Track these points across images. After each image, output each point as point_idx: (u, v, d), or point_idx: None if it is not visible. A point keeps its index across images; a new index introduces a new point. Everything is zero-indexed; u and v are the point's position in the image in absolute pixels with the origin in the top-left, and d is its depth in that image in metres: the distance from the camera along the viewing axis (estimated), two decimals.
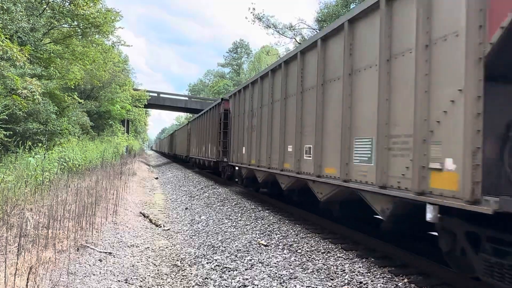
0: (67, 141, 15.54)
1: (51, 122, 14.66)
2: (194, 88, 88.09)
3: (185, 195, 13.51)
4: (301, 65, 7.32)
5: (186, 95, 64.31)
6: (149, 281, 4.79)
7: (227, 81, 70.98)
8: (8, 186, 6.76)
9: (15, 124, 12.20)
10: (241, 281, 4.76)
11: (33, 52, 13.32)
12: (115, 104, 27.79)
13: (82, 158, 13.77)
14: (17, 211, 6.10)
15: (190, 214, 9.77)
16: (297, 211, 8.78)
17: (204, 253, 6.09)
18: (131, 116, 35.74)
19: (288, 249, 6.18)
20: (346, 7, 27.20)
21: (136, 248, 6.15)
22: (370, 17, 5.18)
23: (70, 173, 10.95)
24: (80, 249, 5.33)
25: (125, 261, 5.37)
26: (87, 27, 16.08)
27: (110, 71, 23.39)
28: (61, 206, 6.48)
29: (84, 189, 8.43)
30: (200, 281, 4.85)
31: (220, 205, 10.81)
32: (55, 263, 4.56)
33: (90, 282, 4.35)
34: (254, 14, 32.77)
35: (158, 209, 10.68)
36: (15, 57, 10.18)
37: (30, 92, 11.30)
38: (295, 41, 33.60)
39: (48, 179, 8.81)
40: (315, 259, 5.59)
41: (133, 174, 17.59)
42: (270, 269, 5.18)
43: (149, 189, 15.30)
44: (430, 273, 4.75)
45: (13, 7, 11.90)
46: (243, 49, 79.66)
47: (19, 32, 13.15)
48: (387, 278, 4.72)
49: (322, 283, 4.67)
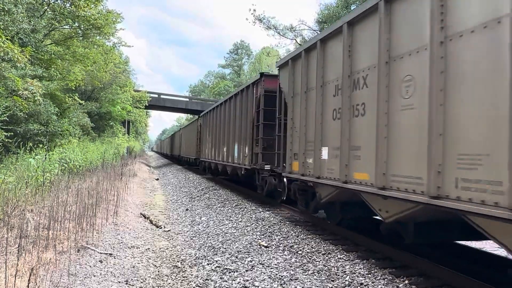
0: (68, 142, 15.57)
1: (52, 123, 14.69)
2: (194, 89, 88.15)
3: (185, 196, 13.50)
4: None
5: (187, 96, 64.42)
6: (149, 282, 4.79)
7: (228, 82, 71.04)
8: (8, 187, 6.77)
9: (16, 125, 12.23)
10: (241, 282, 4.75)
11: (34, 53, 13.35)
12: (116, 105, 27.84)
13: (82, 159, 13.79)
14: (18, 212, 6.10)
15: (191, 215, 9.77)
16: (298, 212, 8.77)
17: (204, 254, 6.09)
18: (132, 117, 35.78)
19: (288, 250, 6.18)
20: (347, 8, 27.23)
21: (136, 249, 6.15)
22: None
23: (70, 174, 10.95)
24: (81, 250, 5.33)
25: (125, 262, 5.37)
26: (88, 28, 16.12)
27: (111, 72, 23.44)
28: (61, 207, 6.48)
29: (84, 190, 8.44)
30: (201, 282, 4.85)
31: (220, 206, 10.80)
32: (56, 264, 4.56)
33: (91, 283, 4.35)
34: (254, 15, 32.83)
35: (158, 210, 10.69)
36: (16, 58, 10.22)
37: (31, 93, 11.33)
38: (295, 42, 33.63)
39: (48, 180, 8.81)
40: (315, 261, 5.58)
41: (133, 175, 17.60)
42: (271, 270, 5.18)
43: (150, 190, 15.31)
44: (431, 274, 4.75)
45: (14, 9, 11.92)
46: (243, 50, 79.72)
47: (20, 34, 13.18)
48: (387, 279, 4.71)
49: (323, 284, 4.67)
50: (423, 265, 4.95)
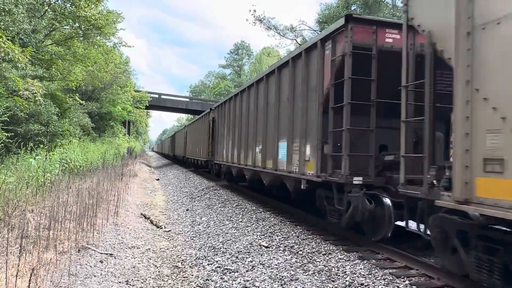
0: (68, 142, 15.57)
1: (52, 124, 14.70)
2: (195, 89, 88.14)
3: (186, 196, 13.50)
4: None
5: (187, 96, 64.43)
6: (150, 283, 4.79)
7: (228, 82, 71.04)
8: (9, 187, 6.77)
9: (16, 125, 12.23)
10: (242, 283, 4.75)
11: (34, 54, 13.36)
12: (116, 106, 27.85)
13: (83, 159, 13.80)
14: (19, 212, 6.11)
15: (191, 216, 9.77)
16: (298, 212, 8.76)
17: (205, 255, 6.09)
18: (132, 118, 35.79)
19: (289, 250, 6.17)
20: (347, 9, 27.23)
21: (137, 250, 6.15)
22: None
23: (71, 175, 10.96)
24: (81, 250, 5.34)
25: (126, 263, 5.37)
26: (89, 28, 16.12)
27: (111, 73, 23.46)
28: (62, 207, 6.48)
29: (85, 190, 8.44)
30: (201, 283, 4.85)
31: (221, 206, 10.80)
32: (56, 264, 4.57)
33: (91, 284, 4.36)
34: (255, 15, 32.82)
35: (159, 210, 10.69)
36: (17, 58, 10.22)
37: (31, 93, 11.33)
38: (296, 43, 33.64)
39: (49, 180, 8.82)
40: (316, 261, 5.58)
41: (134, 176, 17.60)
42: (271, 271, 5.18)
43: (150, 190, 15.32)
44: (431, 275, 4.74)
45: (15, 9, 11.93)
46: (244, 51, 79.74)
47: (21, 34, 13.19)
48: (388, 280, 4.71)
49: (323, 284, 4.66)
50: (424, 266, 4.95)
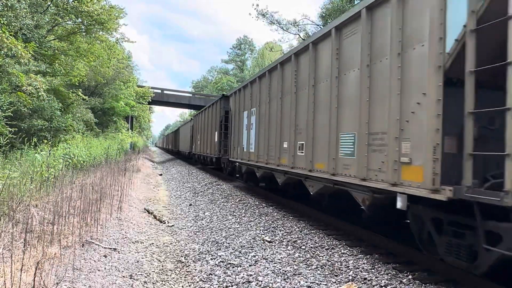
0: (72, 137, 15.61)
1: (55, 119, 14.72)
2: (197, 84, 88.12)
3: (189, 192, 13.54)
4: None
5: (190, 91, 64.41)
6: (153, 277, 4.81)
7: (231, 78, 70.92)
8: (13, 183, 6.80)
9: (20, 120, 12.26)
10: (245, 277, 4.77)
11: (37, 49, 13.36)
12: (119, 101, 27.86)
13: (86, 154, 13.82)
14: (23, 207, 6.14)
15: (194, 211, 9.80)
16: (301, 207, 8.77)
17: (208, 249, 6.11)
18: (135, 113, 35.81)
19: (292, 245, 6.18)
20: (350, 3, 27.02)
21: (140, 244, 6.17)
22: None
23: (74, 170, 10.99)
24: (85, 245, 5.36)
25: (129, 257, 5.40)
26: (91, 24, 16.10)
27: (114, 68, 23.45)
28: (66, 202, 6.50)
29: (88, 185, 8.47)
30: (205, 277, 4.87)
31: (224, 201, 10.82)
32: (61, 259, 4.59)
33: (95, 278, 4.38)
34: (258, 10, 32.61)
35: (162, 205, 10.72)
36: (20, 54, 10.23)
37: (34, 88, 11.35)
38: (299, 37, 33.46)
39: (53, 175, 8.86)
40: (319, 256, 5.59)
41: (137, 171, 17.65)
42: (274, 265, 5.19)
43: (153, 185, 15.35)
44: (434, 270, 4.74)
45: (18, 4, 11.93)
46: (246, 46, 79.50)
47: (24, 29, 13.18)
48: (391, 274, 4.71)
49: (326, 279, 4.67)
50: (427, 261, 4.94)
